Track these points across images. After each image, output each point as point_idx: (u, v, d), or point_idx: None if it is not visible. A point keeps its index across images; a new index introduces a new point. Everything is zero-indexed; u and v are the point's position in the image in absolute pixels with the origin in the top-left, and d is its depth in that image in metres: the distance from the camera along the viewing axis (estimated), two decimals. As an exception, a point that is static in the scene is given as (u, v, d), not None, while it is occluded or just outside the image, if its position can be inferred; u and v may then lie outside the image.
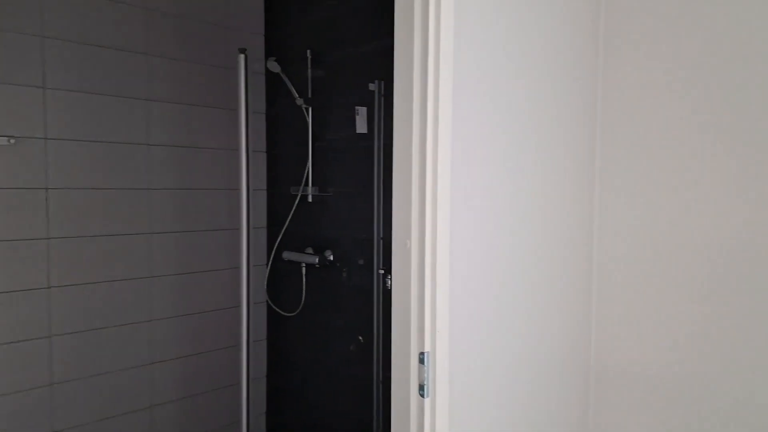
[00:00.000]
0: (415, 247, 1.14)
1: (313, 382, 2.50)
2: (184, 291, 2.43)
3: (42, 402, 2.06)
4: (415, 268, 1.13)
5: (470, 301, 1.23)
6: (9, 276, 1.97)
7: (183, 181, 2.40)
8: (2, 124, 1.94)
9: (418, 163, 1.13)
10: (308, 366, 2.52)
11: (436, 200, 1.12)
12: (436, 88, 1.10)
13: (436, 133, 1.10)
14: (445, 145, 1.12)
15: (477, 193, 1.24)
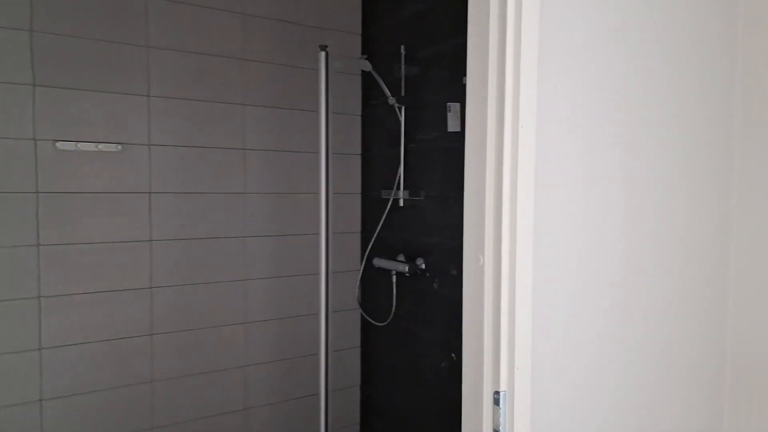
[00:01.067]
0: (489, 264, 0.96)
1: (404, 396, 2.37)
2: (277, 295, 2.42)
3: (144, 397, 2.15)
4: (490, 290, 0.96)
5: (561, 327, 1.02)
6: (116, 276, 2.07)
7: (277, 184, 2.40)
8: (111, 131, 2.04)
9: (493, 164, 0.95)
10: (399, 379, 2.39)
11: (515, 206, 0.94)
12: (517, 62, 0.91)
13: (516, 116, 0.92)
14: (528, 140, 0.93)
15: (572, 197, 1.03)
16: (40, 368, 1.95)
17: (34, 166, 1.92)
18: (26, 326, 1.92)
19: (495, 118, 0.94)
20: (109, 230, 2.05)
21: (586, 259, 1.06)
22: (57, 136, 1.95)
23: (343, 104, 2.56)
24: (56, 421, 1.98)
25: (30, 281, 1.92)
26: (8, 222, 1.88)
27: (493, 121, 0.94)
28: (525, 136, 0.94)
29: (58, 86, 1.94)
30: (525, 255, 0.94)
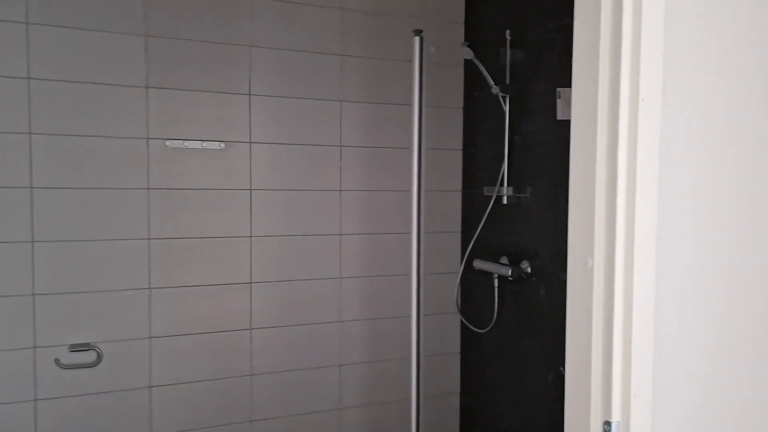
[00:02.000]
0: (599, 267, 0.80)
1: (506, 409, 2.20)
2: (372, 294, 2.36)
3: (243, 390, 2.18)
4: (600, 298, 0.80)
5: (693, 347, 0.83)
6: (218, 270, 2.12)
7: (373, 181, 2.34)
8: (216, 129, 2.10)
9: (605, 147, 0.79)
10: (501, 389, 2.22)
11: (633, 198, 0.77)
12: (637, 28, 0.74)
13: (636, 91, 0.75)
14: (650, 119, 0.76)
15: (707, 188, 0.83)
16: (150, 356, 2.04)
17: (146, 164, 2.01)
18: (138, 315, 2.02)
19: (607, 93, 0.78)
20: (212, 226, 2.11)
21: (726, 264, 0.85)
22: (167, 135, 2.03)
23: (444, 97, 2.44)
24: (163, 407, 2.07)
25: (142, 273, 2.02)
26: (124, 217, 1.99)
27: (605, 95, 0.78)
28: (646, 114, 0.77)
29: (167, 87, 2.02)
30: (645, 256, 0.77)
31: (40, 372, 1.91)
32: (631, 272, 0.77)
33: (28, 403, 1.90)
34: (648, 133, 0.78)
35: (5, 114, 1.84)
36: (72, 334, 1.95)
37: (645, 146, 0.78)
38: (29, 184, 1.88)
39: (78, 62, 1.91)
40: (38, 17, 1.86)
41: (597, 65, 0.79)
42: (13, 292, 1.87)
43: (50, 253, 1.91)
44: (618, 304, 0.76)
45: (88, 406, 1.97)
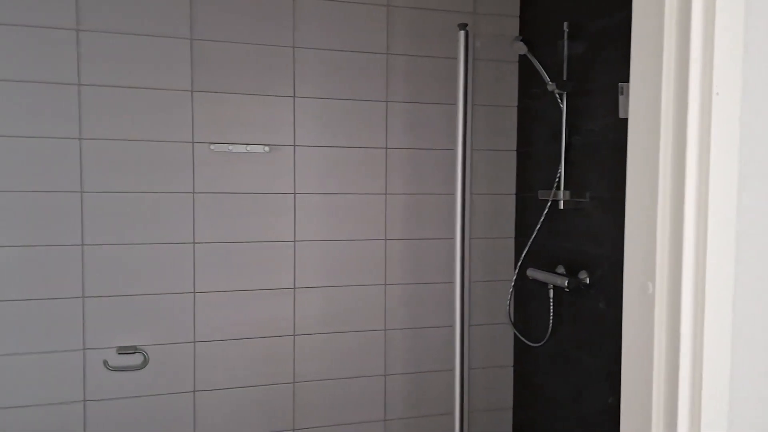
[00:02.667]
0: (662, 295, 0.67)
1: (563, 428, 2.04)
2: (417, 302, 2.27)
3: (286, 397, 2.14)
4: (663, 331, 0.67)
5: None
6: (262, 275, 2.09)
7: (420, 185, 2.24)
8: (260, 133, 2.06)
9: (670, 150, 0.66)
10: (558, 408, 2.07)
11: (706, 210, 0.64)
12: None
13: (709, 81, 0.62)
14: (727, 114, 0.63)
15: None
16: (194, 361, 2.04)
17: (192, 168, 2.01)
18: (183, 319, 2.02)
19: (673, 85, 0.66)
20: (255, 230, 2.08)
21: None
22: (212, 139, 2.02)
23: (497, 95, 2.31)
24: (206, 412, 2.06)
25: (187, 277, 2.02)
26: (170, 221, 1.99)
27: (670, 88, 0.65)
28: (721, 110, 0.63)
29: (213, 91, 2.01)
30: (721, 282, 0.64)
31: (89, 373, 1.94)
32: (702, 301, 0.64)
33: (78, 404, 1.93)
34: (724, 133, 0.64)
35: (57, 120, 1.87)
36: (120, 337, 1.97)
37: (720, 148, 0.65)
38: (80, 188, 1.91)
39: (125, 67, 1.93)
40: (88, 24, 1.89)
41: (660, 51, 0.66)
42: (64, 295, 1.91)
43: (99, 257, 1.93)
44: (685, 341, 0.63)
45: (135, 408, 1.99)
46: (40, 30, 1.85)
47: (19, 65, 1.83)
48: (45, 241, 1.88)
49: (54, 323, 1.90)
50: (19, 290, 1.87)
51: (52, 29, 1.86)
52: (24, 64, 1.84)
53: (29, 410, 1.89)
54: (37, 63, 1.85)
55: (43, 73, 1.86)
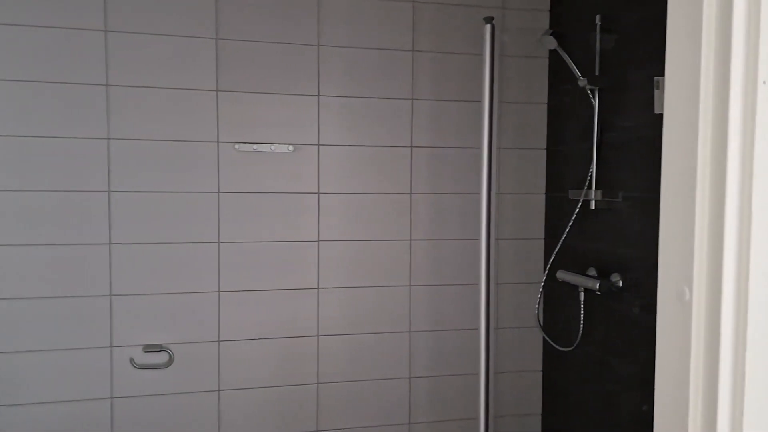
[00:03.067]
0: (700, 302, 0.62)
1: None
2: (443, 303, 2.22)
3: (310, 398, 2.13)
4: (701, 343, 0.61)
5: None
6: (285, 274, 2.08)
7: (446, 184, 2.19)
8: (285, 132, 2.05)
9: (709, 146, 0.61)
10: (589, 415, 2.00)
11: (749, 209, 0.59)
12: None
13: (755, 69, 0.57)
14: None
15: None
16: (218, 360, 2.04)
17: (216, 167, 2.01)
18: (208, 318, 2.02)
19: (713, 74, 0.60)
20: (279, 229, 2.07)
21: None
22: (236, 138, 2.02)
23: (527, 92, 2.25)
24: (231, 411, 2.06)
25: (212, 276, 2.02)
26: (195, 220, 2.00)
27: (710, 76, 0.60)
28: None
29: (237, 90, 2.01)
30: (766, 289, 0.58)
31: (117, 371, 1.96)
32: (745, 309, 0.58)
33: (105, 401, 1.96)
34: (770, 126, 0.59)
35: (85, 120, 1.90)
36: (146, 335, 1.98)
37: (766, 142, 0.59)
38: (107, 188, 1.93)
39: (152, 68, 1.94)
40: (115, 25, 1.91)
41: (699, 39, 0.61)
42: (92, 293, 1.93)
43: (126, 255, 1.95)
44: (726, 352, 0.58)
45: (160, 406, 2.00)
46: (70, 31, 1.87)
47: (49, 67, 1.86)
48: (74, 240, 1.91)
49: (82, 321, 1.93)
50: (50, 288, 1.90)
51: (81, 30, 1.88)
52: (54, 65, 1.87)
53: (59, 406, 1.92)
54: (66, 64, 1.88)
55: (73, 74, 1.88)
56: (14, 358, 1.88)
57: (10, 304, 1.87)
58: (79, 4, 1.88)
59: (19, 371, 1.89)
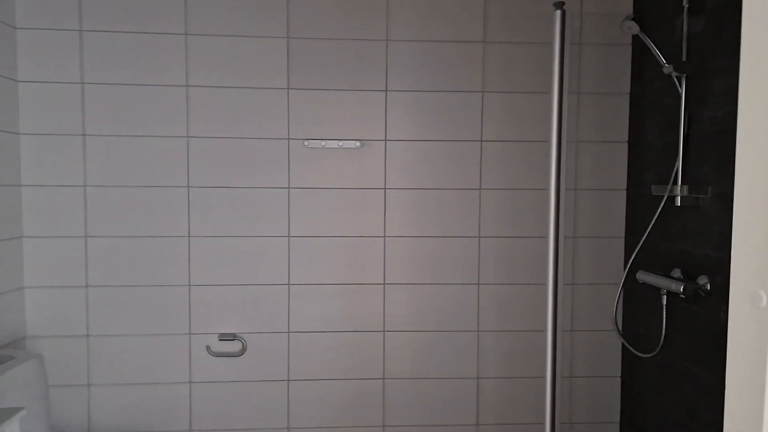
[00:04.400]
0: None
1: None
2: (510, 303, 2.15)
3: (376, 394, 2.14)
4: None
5: None
6: (352, 269, 2.10)
7: (517, 180, 2.12)
8: (352, 128, 2.07)
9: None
10: (669, 424, 1.86)
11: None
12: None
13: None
14: None
15: None
16: (288, 350, 2.10)
17: (287, 163, 2.06)
18: (278, 310, 2.09)
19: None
20: (347, 225, 2.09)
21: None
22: (306, 135, 2.06)
23: (606, 82, 2.12)
24: (299, 401, 2.11)
25: (282, 269, 2.08)
26: (267, 215, 2.06)
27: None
28: None
29: (307, 88, 2.05)
30: None
31: (194, 357, 2.07)
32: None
33: (184, 385, 2.07)
34: None
35: (166, 119, 2.01)
36: (221, 324, 2.07)
37: None
38: (186, 183, 2.03)
39: (227, 68, 2.02)
40: (194, 28, 2.00)
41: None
42: (172, 282, 2.05)
43: (203, 248, 2.05)
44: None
45: (234, 392, 2.08)
46: (154, 36, 1.99)
47: (134, 70, 1.99)
48: (157, 233, 2.03)
49: (164, 309, 2.05)
50: (134, 276, 2.03)
51: (164, 35, 1.99)
52: (139, 69, 1.99)
53: (142, 388, 2.05)
54: (151, 67, 2.00)
55: (156, 76, 2.00)
56: (104, 342, 2.03)
57: (100, 291, 2.02)
58: (162, 10, 1.99)
59: (108, 354, 2.04)
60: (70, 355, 2.02)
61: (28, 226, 1.99)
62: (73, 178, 2.00)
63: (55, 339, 2.02)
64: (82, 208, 2.01)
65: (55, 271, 2.01)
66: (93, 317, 2.03)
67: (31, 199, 1.99)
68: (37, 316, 2.01)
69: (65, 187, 2.00)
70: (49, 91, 1.97)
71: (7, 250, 1.90)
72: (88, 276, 2.02)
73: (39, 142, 1.98)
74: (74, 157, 2.00)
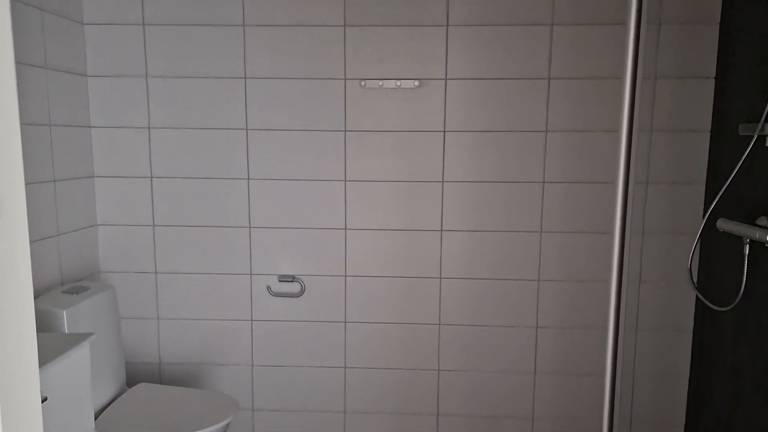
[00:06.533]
0: None
1: (748, 405, 1.71)
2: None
3: (431, 384, 2.14)
4: None
5: None
6: (408, 214, 2.06)
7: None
8: (411, 67, 1.99)
9: None
10: (743, 382, 1.74)
11: None
12: None
13: None
14: None
15: None
16: (345, 294, 2.12)
17: (344, 105, 2.02)
18: (335, 254, 2.09)
19: None
20: (403, 169, 2.04)
21: None
22: (363, 75, 2.00)
23: (691, 6, 1.91)
24: (355, 342, 2.14)
25: (339, 213, 2.08)
26: (324, 158, 2.04)
27: None
28: None
29: (364, 24, 1.97)
30: None
31: (255, 296, 2.13)
32: None
33: (245, 322, 2.15)
34: None
35: (225, 60, 2.01)
36: (280, 266, 2.11)
37: None
38: (245, 126, 2.04)
39: (284, 3, 1.97)
40: None
41: None
42: (234, 224, 2.09)
43: (262, 190, 2.07)
44: None
45: (293, 331, 2.14)
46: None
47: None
48: (219, 174, 2.07)
49: (227, 249, 2.11)
50: (197, 217, 2.09)
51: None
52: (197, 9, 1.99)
53: (207, 323, 2.14)
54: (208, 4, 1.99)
55: (212, 16, 1.99)
56: (171, 279, 2.13)
57: (166, 231, 2.10)
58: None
59: (175, 290, 2.13)
60: (140, 290, 2.14)
61: (98, 166, 2.08)
62: (138, 120, 2.05)
63: (126, 275, 2.13)
64: (147, 149, 2.07)
65: (124, 210, 2.10)
66: (160, 255, 2.12)
67: (100, 139, 2.07)
68: (110, 252, 2.12)
69: (131, 129, 2.06)
70: (114, 33, 2.01)
71: (80, 189, 1.99)
72: (154, 215, 2.10)
73: (106, 83, 2.04)
74: (139, 99, 2.04)
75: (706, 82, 1.94)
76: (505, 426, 2.15)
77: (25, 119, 1.70)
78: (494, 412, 2.15)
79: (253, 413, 2.19)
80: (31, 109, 1.73)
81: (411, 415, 2.16)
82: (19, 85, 1.69)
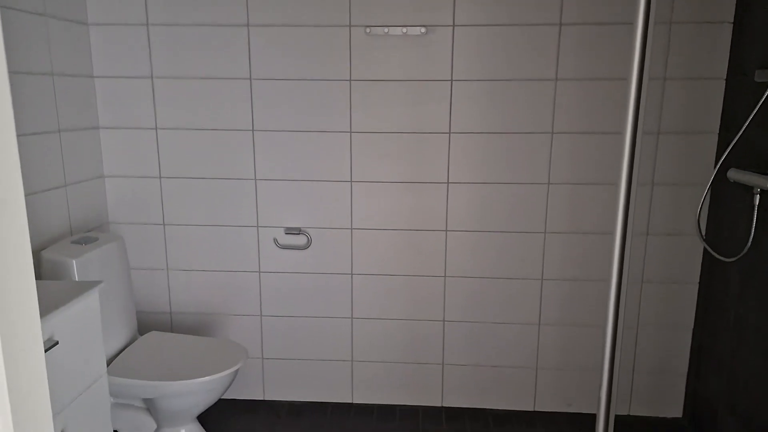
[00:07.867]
0: None
1: (750, 356, 1.73)
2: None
3: (436, 335, 2.17)
4: None
5: None
6: (414, 166, 2.04)
7: (593, 69, 1.92)
8: (418, 12, 1.93)
9: None
10: (748, 333, 1.75)
11: None
12: None
13: None
14: None
15: None
16: (351, 246, 2.13)
17: (348, 53, 1.98)
18: (341, 207, 2.09)
19: None
20: (409, 119, 2.01)
21: None
22: (368, 22, 1.95)
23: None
24: (361, 292, 2.16)
25: (344, 165, 2.06)
26: (328, 109, 2.02)
27: None
28: None
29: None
30: None
31: (263, 248, 2.15)
32: None
33: (253, 274, 2.17)
34: None
35: (226, 6, 1.96)
36: (287, 218, 2.12)
37: None
38: (249, 75, 2.01)
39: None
40: None
41: None
42: (239, 176, 2.09)
43: (267, 142, 2.06)
44: None
45: (300, 282, 2.17)
46: None
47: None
48: (224, 126, 2.05)
49: (235, 201, 2.11)
50: (203, 169, 2.09)
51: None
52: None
53: (215, 275, 2.17)
54: None
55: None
56: (179, 230, 2.15)
57: (173, 183, 2.11)
58: None
59: (185, 242, 2.16)
60: (150, 241, 2.16)
61: (102, 117, 2.07)
62: (141, 69, 2.03)
63: (135, 226, 2.15)
64: (151, 100, 2.05)
65: (130, 162, 2.10)
66: (168, 207, 2.13)
67: (103, 90, 2.05)
68: (118, 203, 2.14)
69: (134, 79, 2.04)
70: (112, -19, 1.97)
71: (85, 140, 1.99)
72: (161, 167, 2.10)
73: (106, 31, 2.00)
74: (141, 48, 2.01)
75: (724, 27, 1.87)
76: (508, 375, 2.19)
77: (24, 68, 1.69)
78: (498, 362, 2.19)
79: (263, 361, 2.24)
80: (31, 57, 1.72)
81: (416, 365, 2.21)
82: (17, 32, 1.66)
